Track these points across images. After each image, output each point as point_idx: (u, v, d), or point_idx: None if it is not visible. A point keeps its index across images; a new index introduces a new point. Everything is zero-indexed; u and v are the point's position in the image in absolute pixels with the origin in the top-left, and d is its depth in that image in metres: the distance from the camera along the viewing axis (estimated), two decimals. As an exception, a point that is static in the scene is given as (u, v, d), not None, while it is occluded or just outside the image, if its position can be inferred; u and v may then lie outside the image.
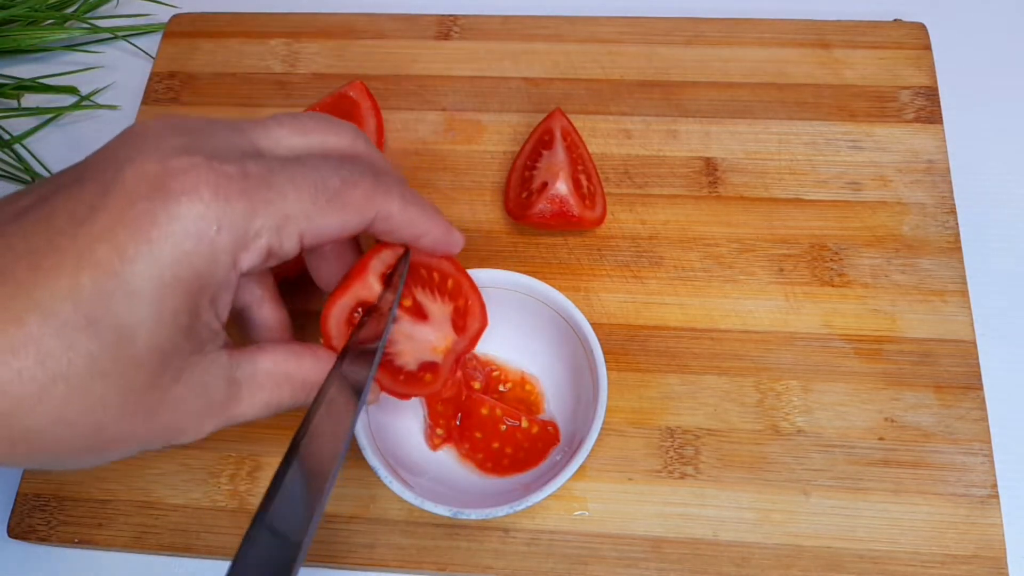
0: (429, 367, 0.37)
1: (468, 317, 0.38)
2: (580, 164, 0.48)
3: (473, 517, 0.36)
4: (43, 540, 0.42)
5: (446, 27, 0.55)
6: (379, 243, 0.35)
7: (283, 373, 0.32)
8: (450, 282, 0.38)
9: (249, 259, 0.29)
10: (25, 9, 0.57)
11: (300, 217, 0.29)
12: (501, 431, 0.41)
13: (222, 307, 0.29)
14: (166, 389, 0.28)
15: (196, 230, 0.27)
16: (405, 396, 0.36)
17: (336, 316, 0.35)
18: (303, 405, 0.33)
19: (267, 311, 0.35)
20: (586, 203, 0.46)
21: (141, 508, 0.42)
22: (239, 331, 0.35)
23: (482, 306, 0.38)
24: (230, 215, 0.27)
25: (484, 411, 0.41)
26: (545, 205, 0.45)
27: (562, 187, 0.45)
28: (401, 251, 0.36)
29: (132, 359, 0.27)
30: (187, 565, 0.42)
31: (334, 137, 0.33)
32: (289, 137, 0.31)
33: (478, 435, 0.41)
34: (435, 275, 0.37)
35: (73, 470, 0.28)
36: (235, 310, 0.35)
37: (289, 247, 0.30)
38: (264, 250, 0.29)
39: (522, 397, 0.43)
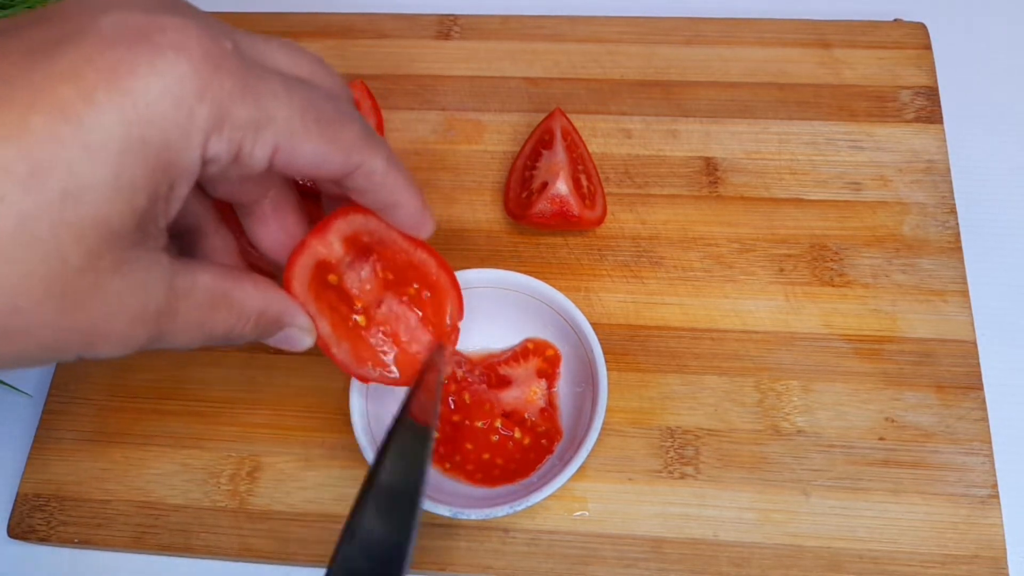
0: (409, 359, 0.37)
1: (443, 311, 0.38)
2: (580, 164, 0.48)
3: (473, 517, 0.36)
4: (43, 540, 0.42)
5: (446, 27, 0.55)
6: (347, 206, 0.33)
7: (221, 292, 0.28)
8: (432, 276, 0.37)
9: (217, 148, 0.25)
10: (25, 9, 0.57)
11: (283, 127, 0.26)
12: (492, 441, 0.41)
13: (173, 203, 0.25)
14: (102, 277, 0.24)
15: (178, 91, 0.23)
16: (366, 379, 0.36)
17: (299, 279, 0.33)
18: (236, 339, 0.30)
19: (217, 237, 0.33)
20: (586, 203, 0.46)
21: (141, 508, 0.42)
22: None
23: (459, 299, 0.38)
24: (215, 88, 0.24)
25: (478, 423, 0.41)
26: (545, 205, 0.45)
27: (562, 187, 0.45)
28: (371, 216, 0.33)
29: (73, 229, 0.22)
30: (187, 565, 0.42)
31: (327, 78, 0.30)
32: (279, 57, 0.28)
33: (469, 446, 0.41)
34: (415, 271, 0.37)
35: None
36: (182, 229, 0.32)
37: (260, 156, 0.26)
38: (236, 146, 0.25)
39: (542, 367, 0.43)
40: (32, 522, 0.42)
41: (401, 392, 0.42)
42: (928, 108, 0.50)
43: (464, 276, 0.41)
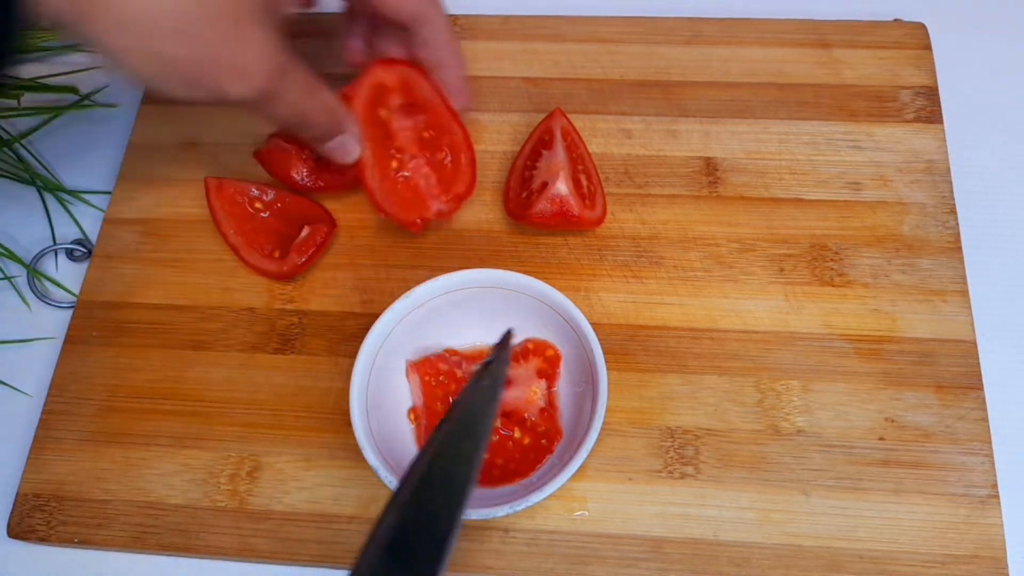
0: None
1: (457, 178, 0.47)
2: (580, 164, 0.48)
3: (473, 517, 0.36)
4: (43, 540, 0.42)
5: (446, 27, 0.55)
6: (412, 63, 0.45)
7: (316, 82, 0.39)
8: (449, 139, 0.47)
9: None
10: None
11: None
12: (492, 441, 0.41)
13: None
14: (245, 18, 0.34)
15: None
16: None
17: (360, 96, 0.44)
18: (312, 125, 0.40)
19: None
20: (586, 203, 0.46)
21: (141, 508, 0.42)
22: None
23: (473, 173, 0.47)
24: None
25: None
26: (545, 205, 0.45)
27: (562, 187, 0.45)
28: (427, 82, 0.45)
29: None
30: (187, 565, 0.42)
31: None
32: None
33: None
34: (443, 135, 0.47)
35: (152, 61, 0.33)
36: None
37: None
38: None
39: (542, 368, 0.43)
40: (32, 522, 0.42)
41: (404, 390, 0.42)
42: (928, 108, 0.50)
43: (465, 276, 0.41)
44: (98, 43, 0.32)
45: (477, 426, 0.31)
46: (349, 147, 0.43)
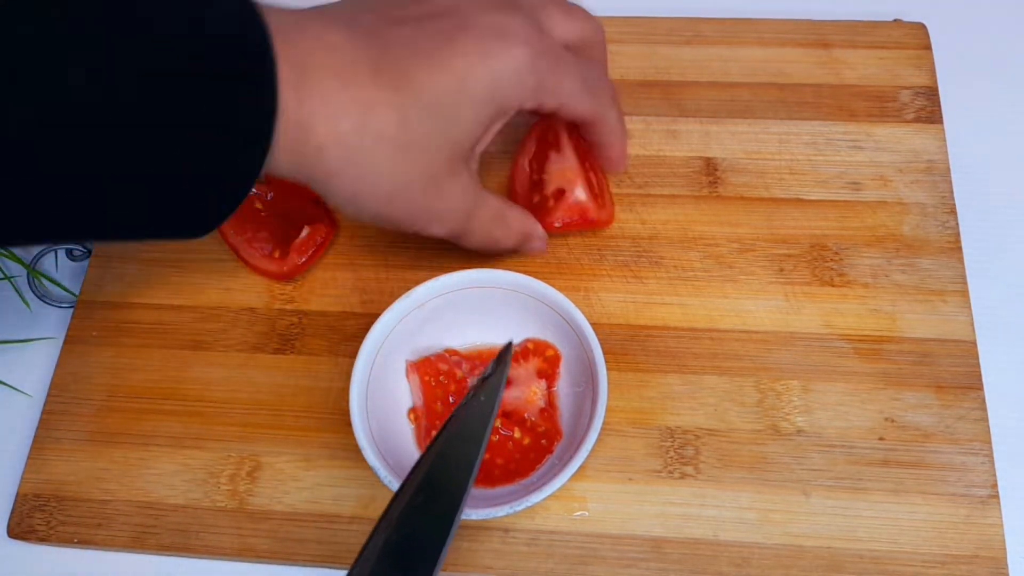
0: None
1: None
2: (587, 161, 0.47)
3: (473, 517, 0.36)
4: (43, 540, 0.42)
5: (446, 27, 0.55)
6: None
7: (502, 212, 0.41)
8: None
9: (528, 103, 0.38)
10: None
11: (567, 92, 0.39)
12: (492, 441, 0.41)
13: (488, 138, 0.39)
14: (447, 178, 0.37)
15: (517, 70, 0.36)
16: None
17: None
18: (503, 248, 0.43)
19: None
20: (598, 202, 0.46)
21: (141, 508, 0.42)
22: None
23: None
24: (538, 67, 0.37)
25: None
26: (565, 214, 0.45)
27: (581, 194, 0.45)
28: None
29: (446, 145, 0.36)
30: (187, 565, 0.42)
31: (588, 25, 0.42)
32: (559, 24, 0.40)
33: None
34: None
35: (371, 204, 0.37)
36: None
37: (549, 108, 0.39)
38: (539, 103, 0.38)
39: (542, 368, 0.43)
40: (32, 522, 0.42)
41: (404, 390, 0.42)
42: (928, 108, 0.50)
43: (465, 276, 0.41)
44: (322, 197, 0.37)
45: (473, 438, 0.34)
46: (535, 247, 0.45)
